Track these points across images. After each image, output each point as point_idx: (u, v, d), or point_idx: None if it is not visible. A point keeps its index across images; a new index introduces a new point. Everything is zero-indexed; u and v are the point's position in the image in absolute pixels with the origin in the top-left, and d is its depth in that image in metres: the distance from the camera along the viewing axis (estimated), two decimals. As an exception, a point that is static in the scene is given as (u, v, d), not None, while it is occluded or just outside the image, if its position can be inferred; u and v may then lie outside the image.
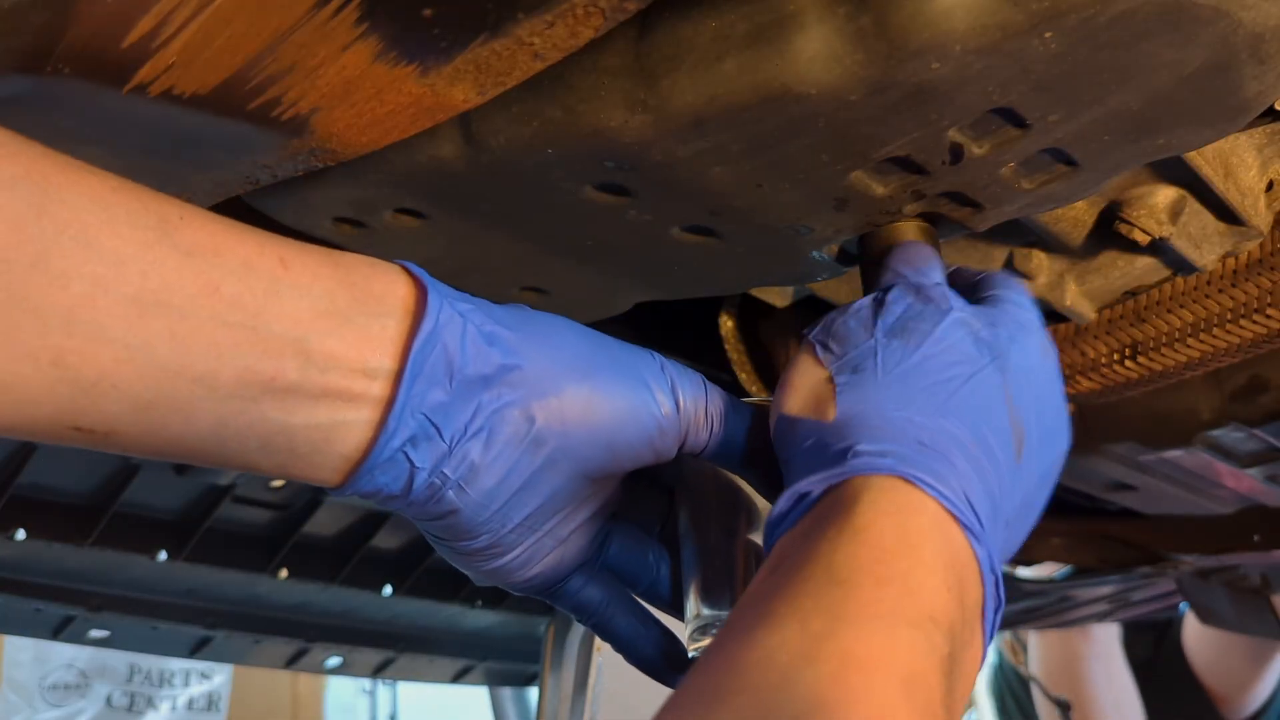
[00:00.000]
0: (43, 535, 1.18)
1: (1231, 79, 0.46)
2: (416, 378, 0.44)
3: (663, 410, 0.48)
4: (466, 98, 0.50)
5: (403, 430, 0.44)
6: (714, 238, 0.60)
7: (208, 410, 0.41)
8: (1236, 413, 0.96)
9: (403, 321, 0.44)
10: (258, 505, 1.32)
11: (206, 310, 0.40)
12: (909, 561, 0.38)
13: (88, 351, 0.39)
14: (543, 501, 0.48)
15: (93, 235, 0.38)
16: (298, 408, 0.43)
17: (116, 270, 0.39)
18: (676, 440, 0.49)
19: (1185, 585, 1.59)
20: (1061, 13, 0.41)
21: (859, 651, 0.34)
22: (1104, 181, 0.54)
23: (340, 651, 1.53)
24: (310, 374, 0.42)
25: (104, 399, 0.40)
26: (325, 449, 0.44)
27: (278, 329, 0.42)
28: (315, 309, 0.43)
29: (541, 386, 0.46)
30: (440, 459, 0.45)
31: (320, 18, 0.45)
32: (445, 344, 0.45)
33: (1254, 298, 0.73)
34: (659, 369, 0.49)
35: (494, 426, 0.46)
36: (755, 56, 0.46)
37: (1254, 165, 0.63)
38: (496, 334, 0.46)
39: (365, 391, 0.43)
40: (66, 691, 2.72)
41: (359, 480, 0.45)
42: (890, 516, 0.40)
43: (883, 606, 0.36)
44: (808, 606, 0.36)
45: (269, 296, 0.42)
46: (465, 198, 0.59)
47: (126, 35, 0.45)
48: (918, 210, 0.56)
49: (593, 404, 0.47)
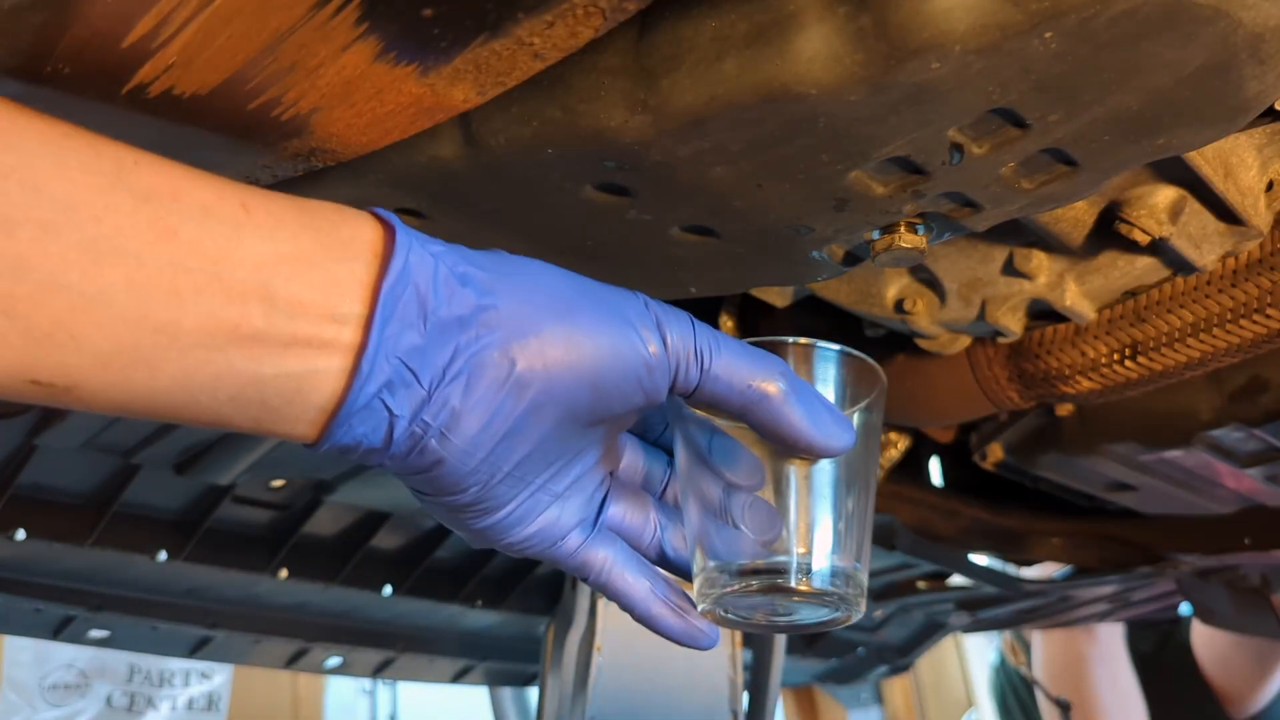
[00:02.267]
0: (43, 535, 1.18)
1: (1231, 79, 0.46)
2: (388, 320, 0.42)
3: (649, 348, 0.46)
4: (466, 98, 0.50)
5: (377, 375, 0.43)
6: (714, 238, 0.60)
7: (172, 361, 0.40)
8: (1236, 413, 0.96)
9: (371, 265, 0.43)
10: (258, 505, 1.32)
11: (165, 256, 0.39)
12: None
13: (40, 299, 0.38)
14: (531, 449, 0.46)
15: (41, 180, 0.38)
16: (266, 356, 0.41)
17: (67, 216, 0.38)
18: (666, 379, 0.47)
19: (1185, 585, 1.59)
20: (1061, 12, 0.41)
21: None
22: (1104, 181, 0.54)
23: (340, 651, 1.53)
24: (276, 320, 0.41)
25: (61, 350, 0.39)
26: (298, 400, 0.42)
27: (240, 274, 0.40)
28: (279, 254, 0.41)
29: (520, 327, 0.44)
30: (419, 405, 0.44)
31: (320, 18, 0.45)
32: (417, 284, 0.43)
33: (1254, 298, 0.73)
34: (643, 306, 0.47)
35: (473, 370, 0.44)
36: (755, 56, 0.46)
37: (1254, 165, 0.63)
38: (470, 274, 0.45)
39: (335, 338, 0.42)
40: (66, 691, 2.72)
41: (336, 431, 0.43)
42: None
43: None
44: None
45: (230, 241, 0.40)
46: (465, 198, 0.59)
47: (126, 35, 0.45)
48: (917, 210, 0.56)
49: (575, 343, 0.45)
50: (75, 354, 0.39)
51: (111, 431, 1.12)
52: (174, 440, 1.14)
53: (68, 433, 1.10)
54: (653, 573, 0.52)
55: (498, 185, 0.57)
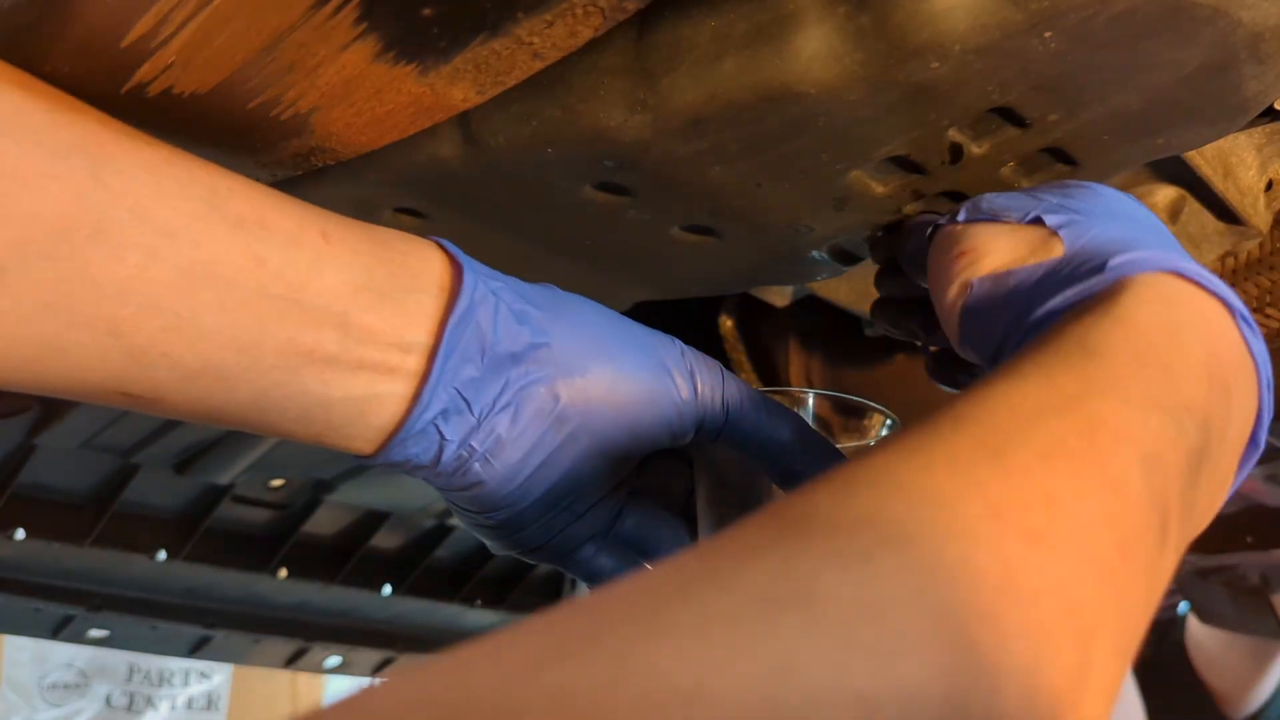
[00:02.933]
0: (42, 535, 1.18)
1: (1231, 78, 0.46)
2: (451, 354, 0.45)
3: (681, 394, 0.49)
4: (466, 97, 0.50)
5: (435, 403, 0.45)
6: (714, 237, 0.60)
7: (251, 380, 0.42)
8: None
9: (438, 298, 0.45)
10: (257, 505, 1.32)
11: (253, 282, 0.41)
12: (1170, 348, 0.37)
13: (140, 320, 0.39)
14: (561, 477, 0.48)
15: (146, 206, 0.39)
16: (335, 380, 0.44)
17: (169, 241, 0.39)
18: (693, 424, 0.50)
19: (1185, 585, 1.59)
20: (1061, 12, 0.41)
21: (1108, 418, 0.33)
22: (1104, 181, 0.54)
23: (340, 651, 1.53)
24: (349, 346, 0.43)
25: (154, 367, 0.40)
26: (360, 421, 0.45)
27: (319, 302, 0.43)
28: (355, 283, 0.43)
29: (568, 365, 0.47)
30: (469, 432, 0.46)
31: (319, 17, 0.45)
32: (479, 321, 0.45)
33: (1253, 297, 0.73)
34: (679, 354, 0.50)
35: (521, 402, 0.46)
36: (755, 56, 0.46)
37: (1253, 165, 0.63)
38: (527, 312, 0.47)
39: (401, 365, 0.44)
40: (66, 691, 2.72)
41: (391, 450, 0.46)
42: (1153, 304, 0.38)
43: (1136, 385, 0.35)
44: (1058, 369, 0.35)
45: (312, 270, 0.43)
46: (465, 197, 0.59)
47: (125, 35, 0.45)
48: (917, 210, 0.56)
49: (615, 384, 0.48)
50: (166, 370, 0.41)
51: (111, 431, 1.12)
52: (173, 440, 1.14)
53: (67, 432, 1.10)
54: None
55: (497, 184, 0.57)
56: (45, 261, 0.37)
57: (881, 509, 0.27)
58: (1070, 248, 0.43)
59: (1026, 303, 0.43)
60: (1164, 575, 0.33)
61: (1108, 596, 0.29)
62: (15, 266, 0.37)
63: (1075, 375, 0.34)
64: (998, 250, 0.46)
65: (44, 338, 0.38)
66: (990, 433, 0.31)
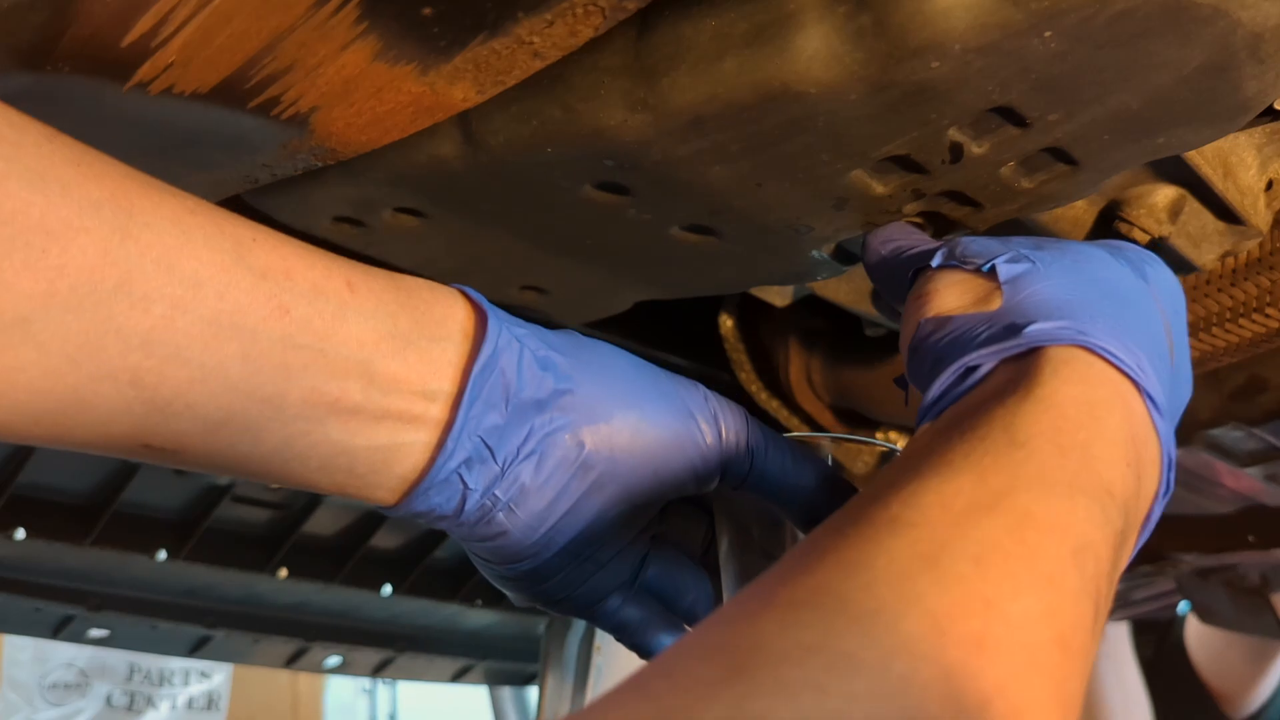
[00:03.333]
0: (42, 534, 1.18)
1: (1231, 78, 0.46)
2: (475, 401, 0.44)
3: (706, 440, 0.49)
4: (466, 96, 0.50)
5: (459, 452, 0.45)
6: (714, 237, 0.60)
7: (275, 431, 0.42)
8: (1235, 412, 0.96)
9: (461, 345, 0.45)
10: (257, 505, 1.32)
11: (278, 332, 0.41)
12: (1091, 432, 0.38)
13: (165, 372, 0.39)
14: (586, 526, 0.48)
15: (173, 258, 0.39)
16: (360, 429, 0.43)
17: (194, 292, 0.39)
18: (717, 470, 0.49)
19: (1185, 584, 1.59)
20: (1061, 12, 0.41)
21: (1037, 513, 0.34)
22: (1104, 181, 0.54)
23: (340, 651, 1.53)
24: (373, 396, 0.43)
25: (177, 419, 0.40)
26: (384, 470, 0.45)
27: (344, 352, 0.42)
28: (379, 332, 0.43)
29: (592, 412, 0.47)
30: (492, 481, 0.46)
31: (320, 16, 0.45)
32: (503, 369, 0.45)
33: (1253, 297, 0.73)
34: (703, 400, 0.50)
35: (545, 450, 0.46)
36: (755, 55, 0.46)
37: (1253, 164, 0.63)
38: (550, 359, 0.47)
39: (424, 414, 0.44)
40: (66, 691, 2.72)
41: (414, 500, 0.45)
42: (1073, 386, 0.39)
43: (1063, 474, 0.36)
44: (986, 463, 0.35)
45: (336, 320, 0.42)
46: (465, 197, 0.59)
47: (126, 34, 0.45)
48: (917, 210, 0.56)
49: (640, 431, 0.47)
50: (189, 421, 0.41)
51: (111, 431, 1.12)
52: (173, 439, 1.14)
53: (67, 432, 1.10)
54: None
55: (497, 184, 0.57)
56: (70, 314, 0.37)
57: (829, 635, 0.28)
58: (1008, 302, 0.45)
59: (956, 349, 0.44)
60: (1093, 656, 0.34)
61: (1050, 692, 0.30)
62: (40, 319, 0.37)
63: (1002, 467, 0.35)
64: (949, 295, 0.47)
65: (68, 390, 0.38)
66: (925, 538, 0.32)
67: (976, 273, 0.47)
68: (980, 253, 0.48)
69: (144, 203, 0.39)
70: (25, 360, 0.37)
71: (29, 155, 0.37)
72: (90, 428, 0.40)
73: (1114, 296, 0.46)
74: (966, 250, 0.49)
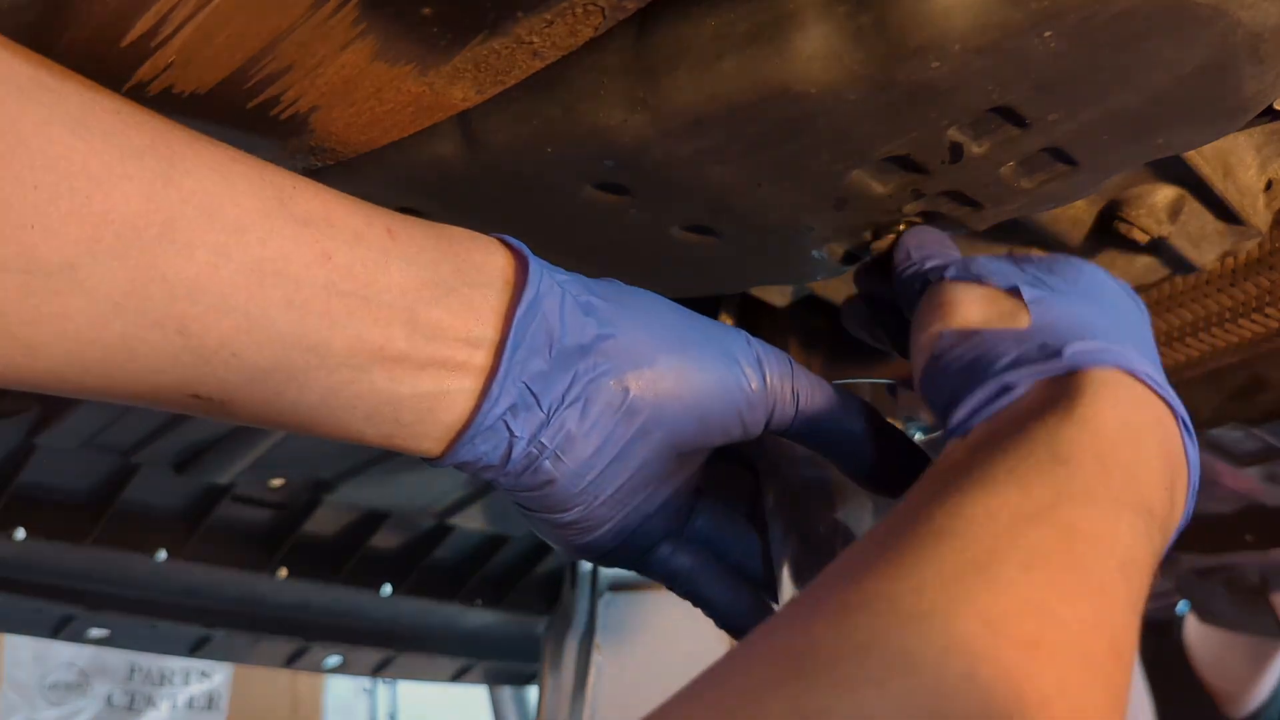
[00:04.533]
0: (42, 534, 1.18)
1: (1230, 78, 0.46)
2: (519, 347, 0.44)
3: (751, 385, 0.48)
4: (465, 96, 0.50)
5: (504, 399, 0.44)
6: (714, 237, 0.60)
7: (320, 379, 0.42)
8: (1235, 412, 0.96)
9: (504, 292, 0.45)
10: (257, 505, 1.32)
11: (321, 279, 0.41)
12: (1133, 452, 0.38)
13: (210, 320, 0.39)
14: (633, 473, 0.48)
15: (215, 205, 0.39)
16: (405, 376, 0.43)
17: (237, 239, 0.39)
18: (764, 415, 0.49)
19: (1185, 584, 1.59)
20: (1061, 12, 0.41)
21: (1083, 526, 0.34)
22: (1103, 181, 0.54)
23: (339, 650, 1.53)
24: (417, 343, 0.43)
25: (224, 367, 0.40)
26: (429, 418, 0.44)
27: (387, 298, 0.42)
28: (421, 279, 0.43)
29: (636, 357, 0.46)
30: (538, 428, 0.45)
31: (319, 17, 0.45)
32: (545, 313, 0.45)
33: (1253, 297, 0.73)
34: (746, 344, 0.49)
35: (590, 396, 0.46)
36: (755, 55, 0.46)
37: (1253, 164, 0.63)
38: (592, 304, 0.47)
39: (469, 360, 0.44)
40: (66, 690, 2.72)
41: (460, 450, 0.45)
42: (1114, 409, 0.40)
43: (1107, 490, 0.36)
44: (1030, 477, 0.36)
45: (379, 267, 0.42)
46: (464, 196, 0.59)
47: (125, 34, 0.45)
48: (917, 209, 0.56)
49: (684, 375, 0.47)
50: (236, 371, 0.40)
51: (111, 430, 1.12)
52: (173, 439, 1.14)
53: (67, 432, 1.10)
54: (739, 584, 0.54)
55: (497, 184, 0.57)
56: (116, 260, 0.37)
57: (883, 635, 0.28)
58: (1037, 322, 0.45)
59: (985, 365, 0.44)
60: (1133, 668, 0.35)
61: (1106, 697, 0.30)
62: (87, 264, 0.37)
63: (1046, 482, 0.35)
64: (972, 309, 0.48)
65: (115, 339, 0.38)
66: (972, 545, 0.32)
67: (997, 290, 0.47)
68: (996, 272, 0.49)
69: (185, 150, 0.39)
70: (73, 308, 0.37)
71: (71, 103, 0.37)
72: (139, 377, 0.40)
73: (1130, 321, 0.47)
74: (983, 268, 0.49)
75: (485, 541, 1.52)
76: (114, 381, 0.40)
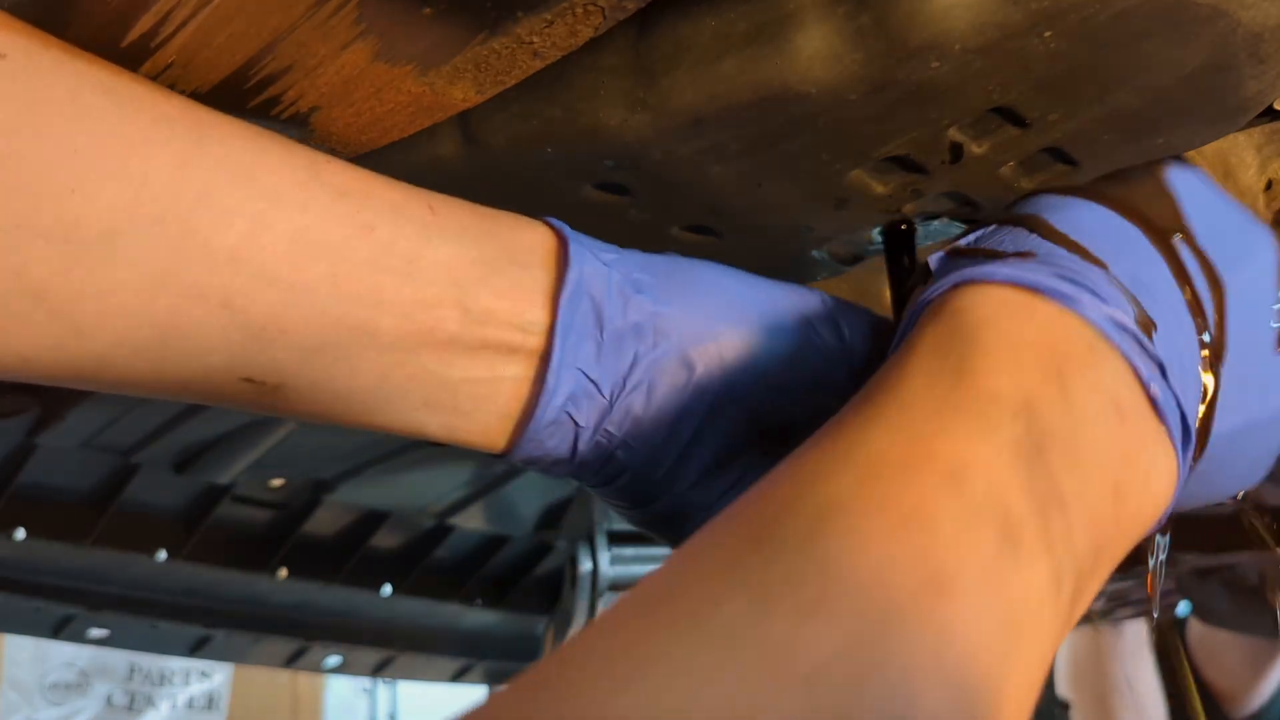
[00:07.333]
0: (42, 534, 1.18)
1: (1231, 78, 0.46)
2: (569, 330, 0.42)
3: (829, 347, 0.46)
4: (465, 96, 0.50)
5: (562, 388, 0.42)
6: (714, 237, 0.60)
7: (371, 361, 0.41)
8: (1236, 412, 0.96)
9: (550, 272, 0.43)
10: (257, 505, 1.32)
11: (363, 252, 0.40)
12: (969, 343, 0.35)
13: (254, 293, 0.38)
14: (715, 453, 0.45)
15: (250, 171, 0.38)
16: (455, 360, 0.42)
17: (274, 207, 0.38)
18: (847, 379, 0.46)
19: (1185, 584, 1.59)
20: (1061, 12, 0.41)
21: (890, 454, 0.31)
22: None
23: (340, 650, 1.53)
24: (469, 326, 0.41)
25: (272, 345, 0.39)
26: (486, 405, 0.43)
27: (433, 276, 0.41)
28: (467, 257, 0.42)
29: (698, 332, 0.44)
30: (602, 416, 0.43)
31: (319, 17, 0.45)
32: (592, 294, 0.43)
33: (1253, 297, 0.73)
34: (820, 304, 0.47)
35: (654, 378, 0.43)
36: (755, 55, 0.46)
37: (1253, 165, 0.63)
38: (643, 281, 0.44)
39: (522, 344, 0.42)
40: (66, 690, 2.72)
41: (525, 444, 0.43)
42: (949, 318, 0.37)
43: (930, 397, 0.33)
44: (846, 416, 0.34)
45: (421, 241, 0.41)
46: (465, 197, 0.59)
47: (125, 35, 0.45)
48: (918, 209, 0.56)
49: (753, 345, 0.44)
50: (284, 350, 0.39)
51: (111, 430, 1.12)
52: (173, 439, 1.14)
53: (67, 432, 1.10)
54: None
55: (497, 184, 0.57)
56: (157, 227, 0.36)
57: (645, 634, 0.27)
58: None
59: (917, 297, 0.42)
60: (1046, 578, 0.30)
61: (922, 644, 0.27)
62: (127, 232, 0.36)
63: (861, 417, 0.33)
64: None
65: (163, 315, 0.37)
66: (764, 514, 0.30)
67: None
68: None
69: (214, 119, 0.39)
70: (118, 281, 0.36)
71: (100, 72, 0.37)
72: (189, 358, 0.38)
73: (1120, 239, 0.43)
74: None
75: (485, 541, 1.52)
76: (165, 364, 0.38)
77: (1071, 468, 0.33)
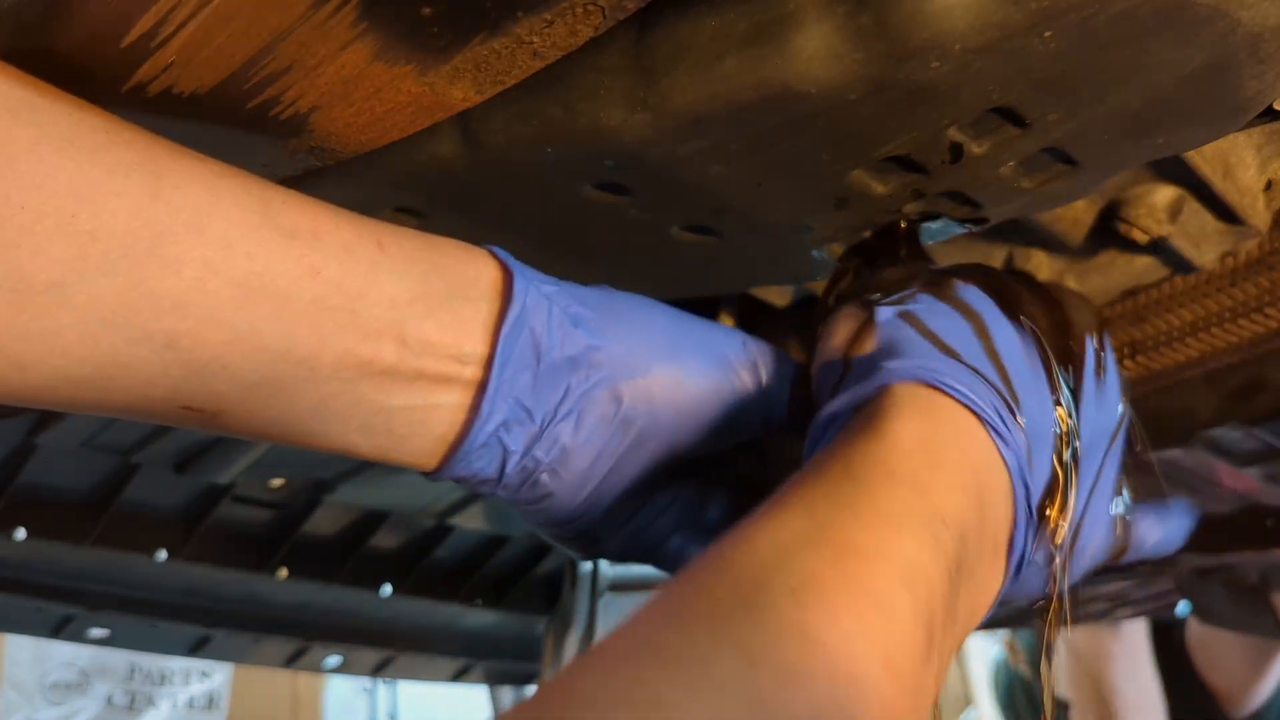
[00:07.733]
0: (42, 534, 1.18)
1: (1230, 78, 0.46)
2: (507, 363, 0.44)
3: (747, 388, 0.48)
4: (465, 96, 0.50)
5: (496, 415, 0.44)
6: (714, 237, 0.60)
7: (309, 391, 0.42)
8: (1235, 411, 0.96)
9: (493, 304, 0.45)
10: (257, 505, 1.32)
11: (309, 293, 0.41)
12: (926, 462, 0.38)
13: (199, 333, 0.39)
14: (632, 482, 0.48)
15: (203, 220, 0.39)
16: (394, 389, 0.43)
17: (225, 253, 0.39)
18: (760, 418, 0.49)
19: (1185, 584, 1.59)
20: (1061, 12, 0.41)
21: (860, 541, 0.34)
22: (1103, 181, 0.54)
23: (339, 650, 1.53)
24: (406, 357, 0.43)
25: (214, 380, 0.40)
26: (421, 431, 0.44)
27: (376, 312, 0.42)
28: (411, 292, 0.43)
29: (629, 367, 0.46)
30: (532, 442, 0.45)
31: (319, 17, 0.45)
32: (532, 328, 0.45)
33: (1253, 297, 0.73)
34: (740, 346, 0.49)
35: (583, 408, 0.46)
36: (755, 55, 0.46)
37: (1253, 164, 0.63)
38: (581, 315, 0.46)
39: (459, 375, 0.44)
40: (67, 690, 2.72)
41: (455, 465, 0.45)
42: (914, 420, 0.40)
43: (891, 503, 0.36)
44: (817, 499, 0.36)
45: (368, 280, 0.42)
46: (465, 197, 0.59)
47: (125, 35, 0.45)
48: (917, 210, 0.56)
49: (678, 383, 0.47)
50: (226, 383, 0.40)
51: (111, 431, 1.12)
52: (173, 439, 1.14)
53: (67, 432, 1.10)
54: None
55: (497, 184, 0.57)
56: (105, 278, 0.37)
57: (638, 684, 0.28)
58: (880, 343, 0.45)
59: (820, 398, 0.46)
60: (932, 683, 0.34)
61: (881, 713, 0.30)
62: (74, 282, 0.37)
63: (832, 502, 0.36)
64: (836, 335, 0.48)
65: (105, 354, 0.38)
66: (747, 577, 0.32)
67: (865, 309, 0.48)
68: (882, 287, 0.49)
69: (172, 165, 0.39)
70: (61, 324, 0.37)
71: (60, 123, 0.38)
72: (130, 391, 0.40)
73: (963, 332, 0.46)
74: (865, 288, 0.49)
75: (485, 541, 1.52)
76: (106, 395, 0.40)
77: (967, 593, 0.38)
